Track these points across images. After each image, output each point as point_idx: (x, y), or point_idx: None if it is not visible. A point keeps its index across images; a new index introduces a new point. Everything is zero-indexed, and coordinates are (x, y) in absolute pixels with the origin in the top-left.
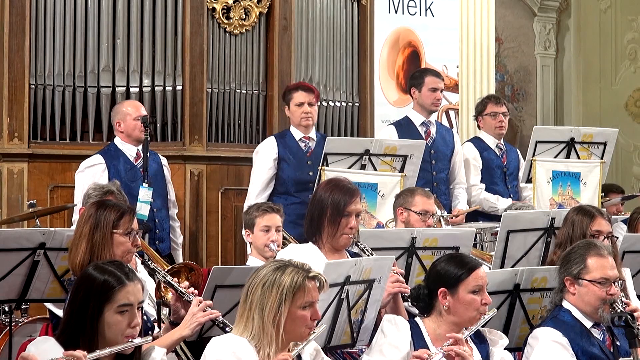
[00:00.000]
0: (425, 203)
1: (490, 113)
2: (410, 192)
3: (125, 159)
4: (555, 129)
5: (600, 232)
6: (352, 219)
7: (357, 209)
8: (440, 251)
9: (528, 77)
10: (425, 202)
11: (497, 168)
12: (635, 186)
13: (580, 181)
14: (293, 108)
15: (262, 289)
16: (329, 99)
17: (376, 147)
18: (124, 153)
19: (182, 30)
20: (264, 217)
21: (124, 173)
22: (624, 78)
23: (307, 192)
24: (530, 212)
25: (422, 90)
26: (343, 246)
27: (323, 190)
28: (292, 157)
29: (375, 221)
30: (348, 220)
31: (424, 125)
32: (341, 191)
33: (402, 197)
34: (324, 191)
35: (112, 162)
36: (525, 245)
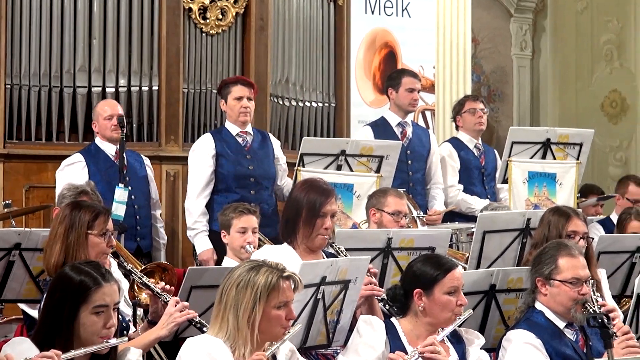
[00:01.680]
0: (397, 203)
1: (469, 110)
2: (382, 192)
3: (105, 157)
4: (531, 129)
5: (576, 233)
6: (327, 219)
7: (332, 209)
8: (416, 252)
9: (504, 78)
10: (398, 202)
11: (475, 169)
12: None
13: (556, 182)
14: (231, 102)
15: (236, 289)
16: (305, 100)
17: (352, 147)
18: (104, 151)
19: (159, 31)
20: (240, 218)
21: (103, 171)
22: (600, 79)
23: (248, 188)
24: (506, 212)
25: (399, 91)
26: (318, 247)
27: (299, 190)
28: (230, 152)
29: (351, 222)
30: (324, 221)
31: (400, 126)
32: (317, 192)
33: (375, 198)
34: (299, 192)
35: (91, 161)
36: (501, 245)
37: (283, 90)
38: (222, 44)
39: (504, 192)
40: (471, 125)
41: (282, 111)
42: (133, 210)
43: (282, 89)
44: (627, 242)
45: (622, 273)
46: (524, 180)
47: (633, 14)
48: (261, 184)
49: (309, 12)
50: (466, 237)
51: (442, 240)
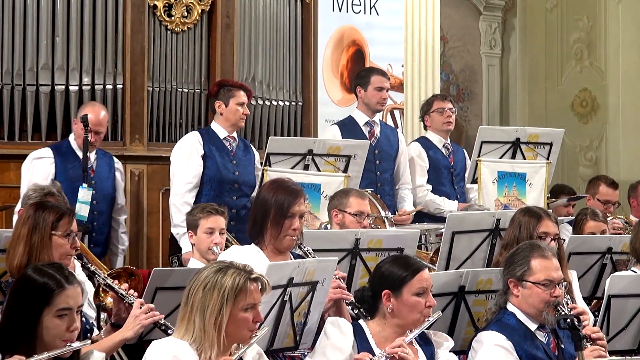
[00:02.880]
0: (360, 204)
1: (438, 109)
2: (344, 193)
3: (75, 157)
4: (500, 129)
5: (547, 234)
6: (295, 220)
7: (301, 210)
8: (385, 253)
9: (473, 77)
10: (360, 203)
11: (444, 168)
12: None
13: (525, 182)
14: (234, 106)
15: (203, 291)
16: (272, 98)
17: (319, 147)
18: (74, 151)
19: (123, 28)
20: (208, 219)
21: (69, 169)
22: (570, 78)
23: (231, 193)
24: (476, 212)
25: (367, 90)
26: (286, 248)
27: (266, 191)
28: (217, 155)
29: (318, 222)
30: (292, 222)
31: (368, 125)
32: (285, 192)
33: (336, 198)
34: (267, 192)
35: (60, 158)
36: (470, 246)
37: None
38: (187, 41)
39: (473, 192)
40: (439, 125)
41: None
42: (92, 216)
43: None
44: (598, 242)
45: (592, 274)
46: (494, 180)
47: (603, 12)
48: (243, 191)
49: (275, 9)
50: (435, 237)
51: (411, 241)
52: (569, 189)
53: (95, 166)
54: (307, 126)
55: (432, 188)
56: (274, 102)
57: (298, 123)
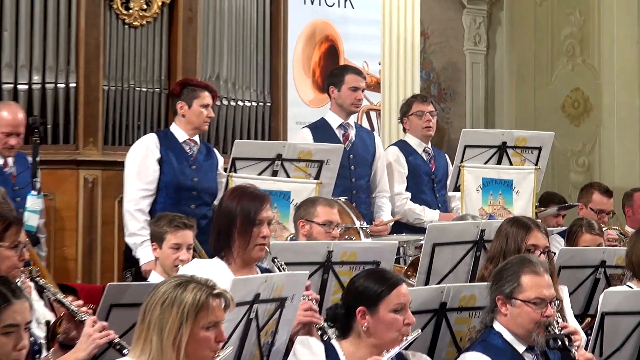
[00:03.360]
0: (328, 213)
1: (417, 112)
2: (310, 202)
3: None
4: (485, 132)
5: (537, 247)
6: (264, 227)
7: (268, 216)
8: (360, 266)
9: (456, 75)
10: (328, 211)
11: (424, 175)
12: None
13: (512, 189)
14: (197, 108)
15: (161, 307)
16: (238, 98)
17: (289, 151)
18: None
19: (77, 22)
20: (176, 233)
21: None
22: (561, 77)
23: (188, 202)
24: (458, 223)
25: (341, 89)
26: (257, 258)
27: (229, 199)
28: (174, 159)
29: (287, 233)
30: (260, 229)
31: (342, 128)
32: (249, 198)
33: (302, 208)
34: (230, 201)
35: None
36: (452, 259)
37: None
38: (146, 36)
39: (455, 201)
40: (419, 129)
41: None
42: None
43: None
44: (590, 255)
45: (584, 290)
46: (478, 187)
47: (597, 5)
48: (203, 199)
49: (242, 2)
50: (414, 250)
51: (388, 254)
52: (559, 197)
53: (15, 172)
54: (275, 129)
55: (411, 196)
56: (240, 103)
57: (266, 125)
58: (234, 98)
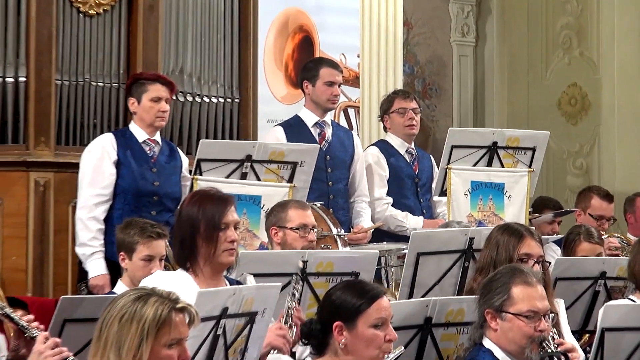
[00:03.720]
0: (301, 216)
1: (398, 109)
2: (281, 207)
3: None
4: (474, 131)
5: (530, 256)
6: (231, 230)
7: (234, 219)
8: (337, 277)
9: (442, 70)
10: (301, 214)
11: (407, 178)
12: (570, 200)
13: (504, 194)
14: (146, 103)
15: (119, 323)
16: (203, 94)
17: (260, 152)
18: None
19: (27, 10)
20: (148, 244)
21: None
22: (556, 71)
23: (149, 208)
24: (445, 230)
25: (316, 85)
26: (227, 264)
27: (190, 205)
28: (134, 162)
29: (258, 241)
30: (227, 234)
31: (317, 126)
32: (212, 202)
33: (274, 214)
34: (191, 207)
35: None
36: (438, 270)
37: (177, 83)
38: (103, 26)
39: (441, 206)
40: (401, 128)
41: (175, 108)
42: None
43: (176, 81)
44: (589, 266)
45: (583, 303)
46: (466, 191)
47: None
48: (165, 204)
49: None
50: (397, 260)
51: (368, 264)
52: (555, 202)
53: None
54: (245, 127)
55: (393, 201)
56: (206, 99)
57: (234, 123)
58: (199, 94)
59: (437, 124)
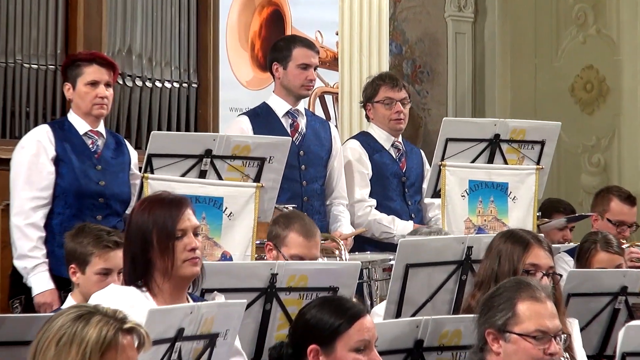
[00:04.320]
0: (300, 245)
1: (384, 100)
2: (284, 222)
3: None
4: (473, 121)
5: (538, 267)
6: (189, 237)
7: (192, 223)
8: (312, 293)
9: (436, 49)
10: (302, 244)
11: (393, 177)
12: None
13: (507, 195)
14: (82, 88)
15: (56, 346)
16: (155, 78)
17: (221, 146)
18: None
19: None
20: (105, 255)
21: None
22: (569, 51)
23: (93, 212)
24: (439, 238)
25: (288, 67)
26: (190, 276)
27: (139, 213)
28: (74, 158)
29: (219, 251)
30: (184, 242)
31: (289, 116)
32: (162, 206)
33: (276, 226)
34: (139, 215)
35: None
36: (430, 285)
37: (124, 65)
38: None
39: (434, 210)
40: (385, 122)
41: (122, 94)
42: None
43: (123, 62)
44: (608, 279)
45: (600, 324)
46: (463, 193)
47: None
48: (112, 208)
49: None
50: (382, 272)
51: (348, 278)
52: (567, 205)
53: None
54: (203, 117)
55: (377, 203)
56: (158, 84)
57: (191, 112)
58: (150, 78)
59: (429, 113)
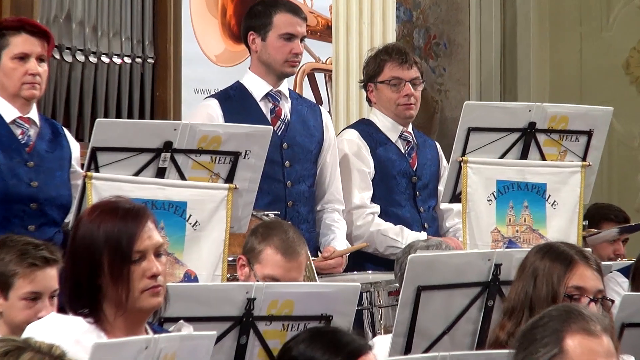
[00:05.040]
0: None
1: (390, 80)
2: (263, 235)
3: None
4: (502, 106)
5: (584, 291)
6: (149, 261)
7: (154, 242)
8: (298, 324)
9: (455, 15)
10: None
11: (401, 176)
12: None
13: (545, 199)
14: (7, 63)
15: None
16: (101, 52)
17: (185, 137)
18: None
19: None
20: (32, 275)
21: None
22: (621, 18)
23: (24, 220)
24: (459, 254)
25: (267, 38)
26: (149, 309)
27: (86, 226)
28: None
29: (182, 270)
30: (143, 267)
31: (269, 99)
32: (117, 218)
33: (253, 238)
34: (88, 227)
35: None
36: (448, 312)
37: (61, 35)
38: None
39: (452, 218)
40: (391, 107)
41: (59, 71)
42: None
43: (60, 32)
44: None
45: None
46: (490, 196)
47: None
48: (47, 215)
49: None
50: (387, 297)
51: (345, 303)
52: (619, 211)
53: None
54: (162, 101)
55: (381, 210)
56: (105, 59)
57: (147, 95)
58: (94, 51)
59: (447, 96)
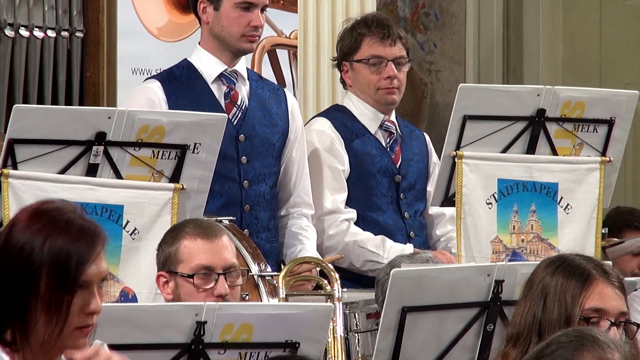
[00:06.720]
0: (201, 251)
1: (369, 58)
2: (172, 235)
3: None
4: (504, 90)
5: (604, 313)
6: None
7: (101, 270)
8: (259, 352)
9: None
10: (203, 247)
11: (382, 175)
12: None
13: (557, 202)
14: None
15: None
16: (20, 24)
17: (121, 126)
18: None
19: None
20: None
21: None
22: None
23: None
24: (452, 268)
25: (221, 8)
26: (76, 348)
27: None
28: None
29: (119, 287)
30: (83, 300)
31: (223, 81)
32: (69, 236)
33: (164, 247)
34: (28, 236)
35: None
36: (440, 338)
37: None
38: None
39: (444, 225)
40: (371, 92)
41: None
42: None
43: None
44: None
45: None
46: (490, 198)
47: None
48: None
49: None
50: (366, 320)
51: (315, 328)
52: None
53: None
54: (93, 82)
55: (358, 216)
56: (24, 32)
57: (75, 75)
58: (11, 23)
59: (438, 78)
